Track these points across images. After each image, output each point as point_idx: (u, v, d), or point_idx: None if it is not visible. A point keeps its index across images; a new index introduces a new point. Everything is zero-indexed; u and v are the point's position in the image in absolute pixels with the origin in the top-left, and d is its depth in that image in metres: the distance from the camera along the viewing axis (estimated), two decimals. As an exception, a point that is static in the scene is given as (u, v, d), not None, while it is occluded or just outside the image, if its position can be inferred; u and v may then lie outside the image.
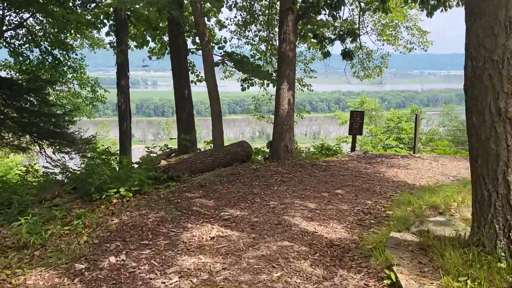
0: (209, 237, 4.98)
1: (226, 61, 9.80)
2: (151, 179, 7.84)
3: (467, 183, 6.25)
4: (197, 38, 12.88)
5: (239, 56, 9.88)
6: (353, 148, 12.48)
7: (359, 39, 17.15)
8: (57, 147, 17.72)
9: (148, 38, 15.24)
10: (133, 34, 15.22)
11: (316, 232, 5.19)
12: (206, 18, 10.19)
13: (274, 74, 10.38)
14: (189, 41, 13.29)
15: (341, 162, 10.79)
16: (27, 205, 7.18)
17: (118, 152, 14.76)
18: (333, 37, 10.35)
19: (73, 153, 17.84)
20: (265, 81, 10.21)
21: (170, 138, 10.58)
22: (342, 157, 11.67)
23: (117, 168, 9.46)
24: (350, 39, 10.67)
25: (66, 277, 4.08)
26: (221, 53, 11.87)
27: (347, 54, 10.23)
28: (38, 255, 4.69)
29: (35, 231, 5.20)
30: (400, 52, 16.30)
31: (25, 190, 8.36)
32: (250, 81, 10.13)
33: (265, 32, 14.72)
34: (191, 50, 11.91)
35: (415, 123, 12.72)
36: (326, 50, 10.49)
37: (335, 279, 3.91)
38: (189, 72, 11.52)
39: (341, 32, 10.20)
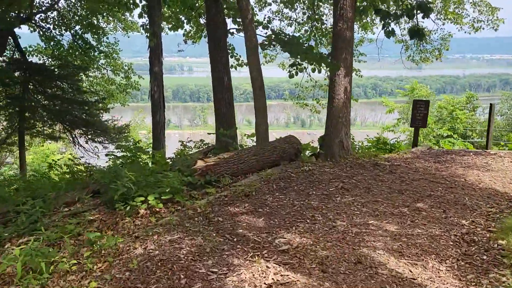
0: (265, 284, 3.52)
1: (273, 43, 8.24)
2: (186, 185, 6.47)
3: None
4: (237, 19, 11.37)
5: (288, 37, 8.30)
6: (415, 143, 10.73)
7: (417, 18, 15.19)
8: (90, 136, 16.78)
9: (184, 20, 13.83)
10: (168, 16, 13.83)
11: (415, 280, 3.64)
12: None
13: (328, 58, 8.73)
14: (228, 22, 11.83)
15: (406, 161, 9.10)
16: (43, 212, 6.00)
17: (151, 145, 13.55)
18: (399, 12, 8.59)
19: (106, 142, 16.87)
20: (317, 66, 8.60)
21: (208, 133, 9.11)
22: (404, 154, 9.96)
23: (148, 167, 8.17)
24: (422, 15, 8.89)
25: None
26: (266, 33, 10.33)
27: (416, 33, 8.47)
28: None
29: (34, 262, 3.92)
30: (465, 32, 14.24)
31: (44, 191, 7.20)
32: (299, 66, 8.54)
33: (311, 11, 13.01)
34: (231, 30, 10.40)
35: (489, 113, 10.79)
36: (390, 29, 8.76)
37: None
38: (229, 56, 10.05)
39: (409, 6, 8.43)
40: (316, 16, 12.70)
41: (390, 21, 8.70)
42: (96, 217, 6.06)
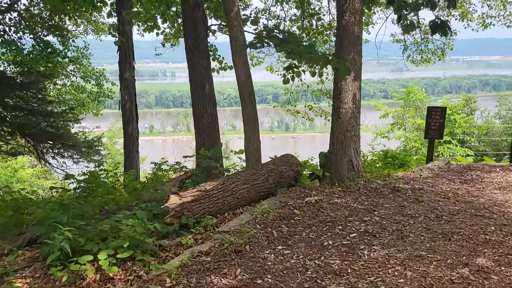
0: None
1: (265, 41, 6.51)
2: (153, 232, 4.70)
3: None
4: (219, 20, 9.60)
5: (284, 34, 6.57)
6: (430, 157, 9.09)
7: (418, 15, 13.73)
8: (56, 151, 14.84)
9: (160, 20, 12.02)
10: (141, 14, 12.00)
11: None
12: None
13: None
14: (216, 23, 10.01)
15: (426, 182, 7.46)
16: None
17: (123, 163, 11.72)
18: (420, 0, 6.95)
19: (77, 157, 14.97)
20: (319, 69, 6.90)
21: (184, 156, 7.26)
22: (421, 172, 8.32)
23: (108, 197, 6.38)
24: (447, 4, 7.26)
25: None
26: (256, 29, 8.58)
27: (440, 27, 6.84)
28: None
29: None
30: (473, 30, 12.75)
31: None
32: (296, 70, 6.82)
33: (304, 4, 11.32)
34: (212, 29, 8.64)
35: (514, 122, 9.22)
36: (408, 22, 7.12)
37: None
38: (210, 59, 8.28)
39: (429, -5, 6.79)
40: (311, 11, 11.03)
41: (407, 12, 7.07)
42: (25, 284, 4.26)
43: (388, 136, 20.73)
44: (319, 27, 11.27)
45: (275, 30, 6.84)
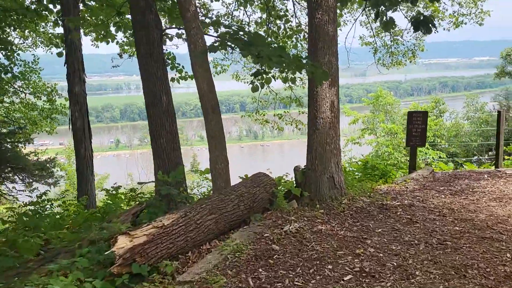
0: None
1: (228, 44, 5.57)
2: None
3: None
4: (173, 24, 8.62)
5: (250, 35, 5.65)
6: (413, 166, 8.36)
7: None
8: (3, 175, 13.39)
9: (113, 29, 10.88)
10: (90, 22, 10.84)
11: None
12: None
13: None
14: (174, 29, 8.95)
15: (415, 195, 6.69)
16: None
17: (76, 187, 10.49)
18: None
19: (30, 180, 13.55)
20: (291, 74, 6.01)
21: (139, 183, 6.18)
22: (405, 184, 7.56)
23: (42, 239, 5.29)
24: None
25: None
26: (217, 32, 7.59)
27: (422, 23, 6.10)
28: None
29: None
30: (444, 29, 12.25)
31: None
32: (265, 76, 5.92)
33: (269, 6, 10.46)
34: (170, 34, 7.60)
35: (497, 123, 8.61)
36: (388, 18, 6.35)
37: None
38: (167, 67, 7.26)
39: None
40: (278, 13, 10.18)
41: (385, 9, 6.31)
42: None
43: (360, 142, 20.18)
44: (287, 30, 10.42)
45: (240, 32, 5.93)
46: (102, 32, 10.81)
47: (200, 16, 8.39)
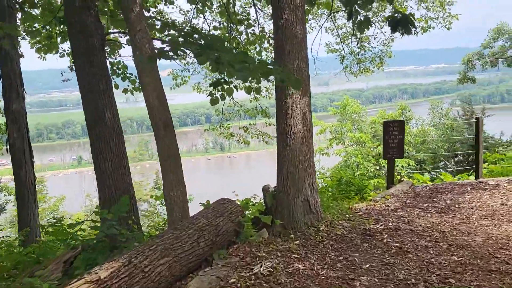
0: None
1: (180, 49, 4.67)
2: None
3: None
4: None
5: (207, 38, 4.76)
6: (391, 179, 7.65)
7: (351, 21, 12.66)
8: None
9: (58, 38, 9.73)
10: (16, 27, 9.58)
11: None
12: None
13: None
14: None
15: (397, 215, 5.95)
16: None
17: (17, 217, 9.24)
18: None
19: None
20: (256, 84, 5.16)
21: (69, 225, 5.04)
22: (384, 201, 6.83)
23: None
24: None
25: None
26: (167, 35, 6.66)
27: (401, 23, 5.41)
28: None
29: None
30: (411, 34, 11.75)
31: None
32: (226, 86, 5.04)
33: (228, 8, 9.60)
34: (112, 37, 6.59)
35: (476, 132, 8.02)
36: (363, 18, 5.63)
37: None
38: (112, 77, 6.23)
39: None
40: (242, 16, 9.32)
41: (359, 7, 5.60)
42: None
43: (328, 152, 19.58)
44: (249, 36, 9.58)
45: (195, 35, 5.03)
46: (44, 42, 9.71)
47: (152, 20, 7.43)
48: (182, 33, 4.97)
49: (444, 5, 10.75)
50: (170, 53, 4.75)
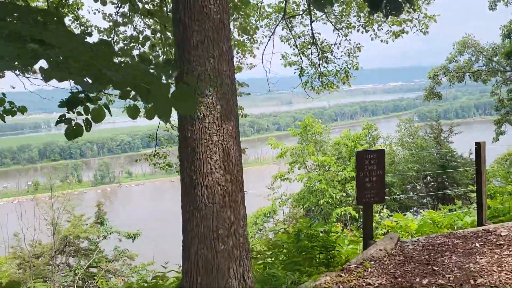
0: None
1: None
2: None
3: None
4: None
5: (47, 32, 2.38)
6: (369, 233, 5.34)
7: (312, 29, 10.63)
8: None
9: None
10: None
11: None
12: None
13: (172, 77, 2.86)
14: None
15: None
16: None
17: None
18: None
19: None
20: (129, 109, 2.78)
21: None
22: (364, 270, 4.51)
23: None
24: None
25: None
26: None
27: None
28: None
29: None
30: (382, 41, 9.75)
31: None
32: (92, 106, 2.65)
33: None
34: None
35: (477, 160, 5.89)
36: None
37: None
38: None
39: None
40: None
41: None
42: None
43: (289, 177, 17.28)
44: (133, 37, 6.95)
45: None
46: None
47: None
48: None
49: (420, 6, 8.80)
50: None
